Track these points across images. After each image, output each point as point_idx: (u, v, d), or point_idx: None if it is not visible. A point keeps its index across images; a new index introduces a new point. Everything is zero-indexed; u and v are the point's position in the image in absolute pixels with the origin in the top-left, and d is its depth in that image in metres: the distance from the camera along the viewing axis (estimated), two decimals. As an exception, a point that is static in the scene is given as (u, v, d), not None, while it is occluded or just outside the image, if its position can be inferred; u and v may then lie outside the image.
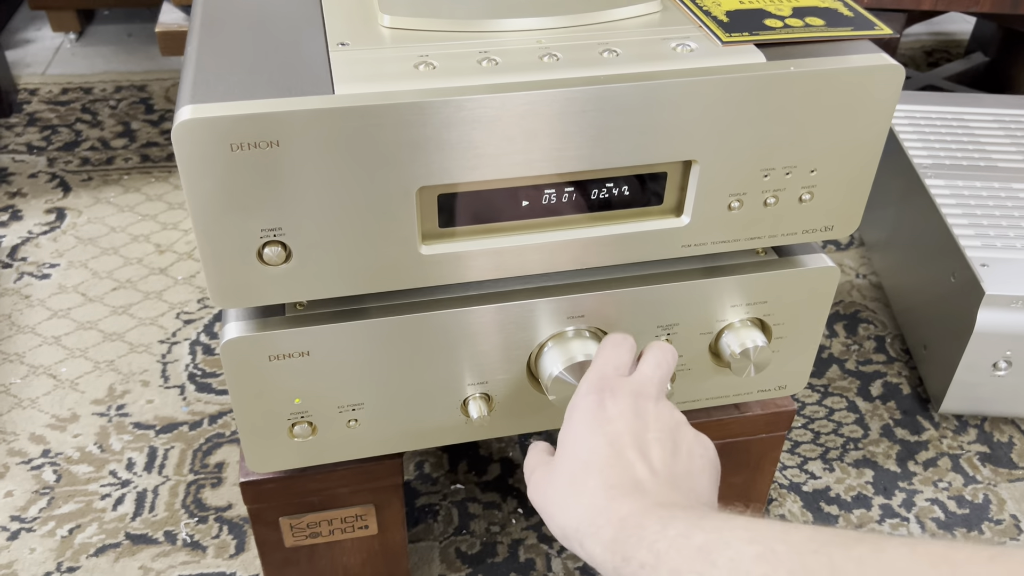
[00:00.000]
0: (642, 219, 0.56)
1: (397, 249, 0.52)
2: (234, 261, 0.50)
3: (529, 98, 0.48)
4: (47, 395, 0.92)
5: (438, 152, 0.49)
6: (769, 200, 0.55)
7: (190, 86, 0.47)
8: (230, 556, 0.78)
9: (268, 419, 0.58)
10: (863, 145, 0.55)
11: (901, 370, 0.98)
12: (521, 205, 0.53)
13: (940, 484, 0.86)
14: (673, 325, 0.60)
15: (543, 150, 0.50)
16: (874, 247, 1.13)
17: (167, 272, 1.09)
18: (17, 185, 1.23)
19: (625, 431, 0.49)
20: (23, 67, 1.51)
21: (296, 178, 0.48)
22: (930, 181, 0.96)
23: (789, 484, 0.85)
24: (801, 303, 0.62)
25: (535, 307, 0.57)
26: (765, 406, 0.69)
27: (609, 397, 0.51)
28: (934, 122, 1.08)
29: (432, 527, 0.81)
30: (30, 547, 0.78)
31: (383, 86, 0.47)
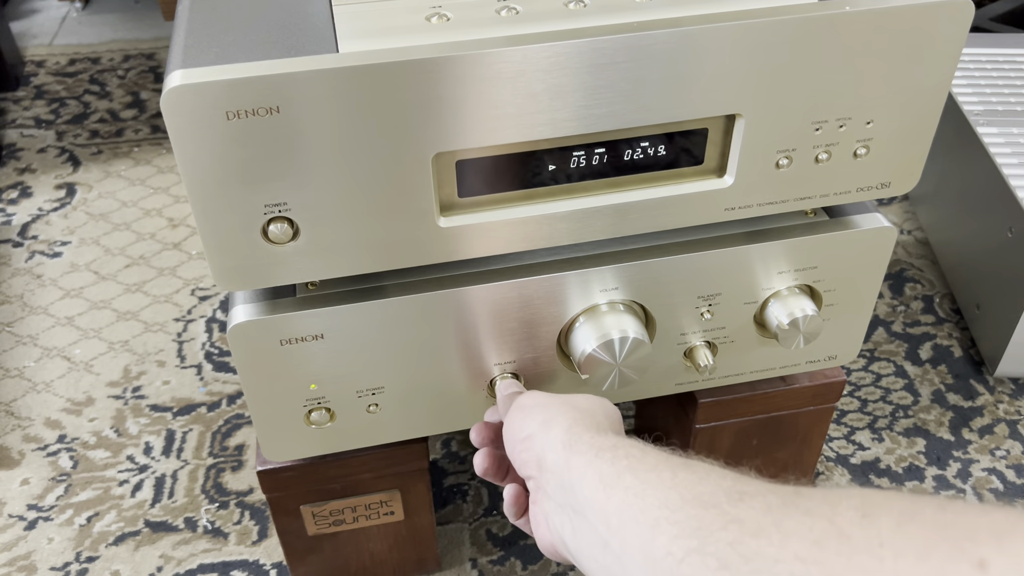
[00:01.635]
0: (681, 181, 0.51)
1: (413, 222, 0.47)
2: (237, 240, 0.46)
3: (554, 50, 0.43)
4: (61, 378, 0.89)
5: (455, 114, 0.44)
6: (821, 156, 0.50)
7: (180, 49, 0.43)
8: (252, 543, 0.75)
9: (283, 406, 0.54)
10: (925, 92, 0.49)
11: (952, 331, 0.93)
12: (547, 170, 0.48)
13: (997, 452, 0.81)
14: (715, 295, 0.56)
15: (570, 108, 0.45)
16: (919, 201, 1.07)
17: (180, 247, 1.05)
18: (26, 160, 1.19)
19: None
20: (29, 38, 1.47)
21: (300, 147, 0.43)
22: (982, 129, 0.90)
23: (836, 456, 0.81)
24: (854, 267, 0.57)
25: (565, 280, 0.53)
26: (813, 377, 0.65)
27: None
28: (984, 65, 1.01)
29: (461, 508, 0.78)
30: (48, 537, 0.75)
31: (392, 42, 0.43)
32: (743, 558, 0.32)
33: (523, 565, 0.73)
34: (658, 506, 0.36)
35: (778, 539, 0.31)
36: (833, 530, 0.30)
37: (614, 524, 0.37)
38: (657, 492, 0.36)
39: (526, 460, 0.45)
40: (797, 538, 0.31)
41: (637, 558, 0.36)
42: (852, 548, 0.30)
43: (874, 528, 0.30)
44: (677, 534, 0.34)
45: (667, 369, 0.59)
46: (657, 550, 0.35)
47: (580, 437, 0.42)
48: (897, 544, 0.29)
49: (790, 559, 0.31)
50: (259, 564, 0.73)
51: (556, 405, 0.45)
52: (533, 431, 0.44)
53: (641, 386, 0.60)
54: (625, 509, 0.37)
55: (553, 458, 0.42)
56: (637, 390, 0.60)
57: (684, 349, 0.58)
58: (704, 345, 0.58)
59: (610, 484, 0.38)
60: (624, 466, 0.39)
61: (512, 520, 0.51)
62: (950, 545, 0.28)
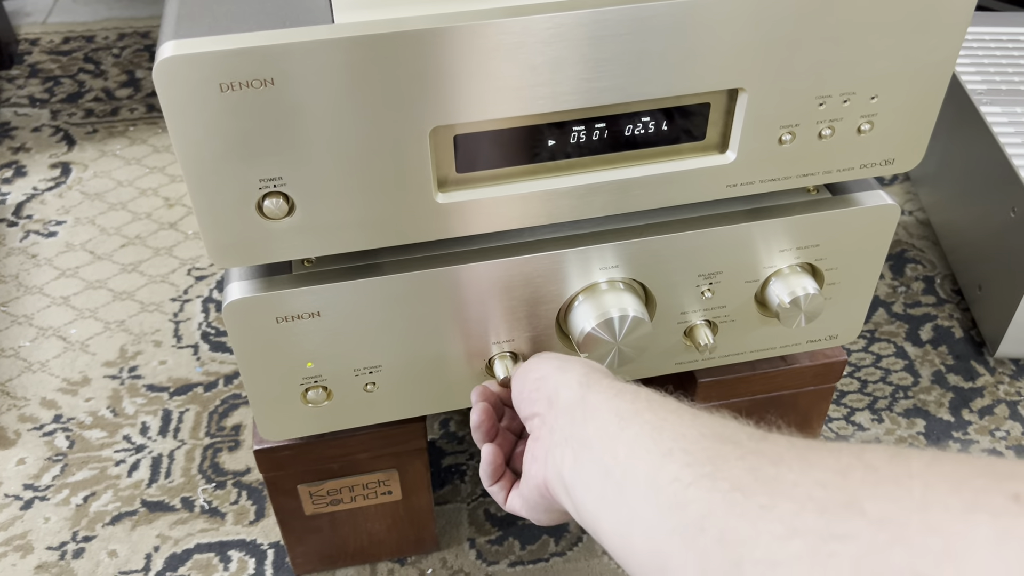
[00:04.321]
0: (682, 157, 0.50)
1: (411, 198, 0.47)
2: (232, 215, 0.45)
3: (555, 20, 0.42)
4: (57, 358, 0.89)
5: (453, 86, 0.43)
6: (824, 132, 0.49)
7: (173, 20, 0.42)
8: (250, 523, 0.74)
9: (279, 385, 0.54)
10: (931, 66, 0.48)
11: (952, 312, 0.93)
12: (547, 145, 0.48)
13: (997, 433, 0.81)
14: (716, 274, 0.55)
15: (572, 81, 0.44)
16: (921, 181, 1.06)
17: (177, 227, 1.04)
18: (20, 140, 1.18)
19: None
20: (23, 16, 1.45)
21: (295, 120, 0.42)
22: (985, 108, 0.89)
23: (835, 437, 0.81)
24: (856, 245, 0.56)
25: (564, 258, 0.52)
26: (813, 357, 0.64)
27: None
28: (987, 44, 1.00)
29: (459, 488, 0.77)
30: (44, 516, 0.75)
31: (388, 12, 0.42)
32: (759, 481, 0.30)
33: (521, 545, 0.73)
34: (674, 438, 0.34)
35: (799, 467, 0.30)
36: (860, 463, 0.29)
37: (622, 455, 0.36)
38: (675, 428, 0.35)
39: (535, 399, 0.44)
40: (820, 468, 0.30)
41: (640, 485, 0.34)
42: (878, 478, 0.28)
43: (904, 464, 0.28)
44: (690, 462, 0.33)
45: (667, 348, 0.58)
46: (664, 476, 0.33)
47: (599, 380, 0.41)
48: (927, 477, 0.27)
49: (810, 484, 0.29)
50: (256, 544, 0.73)
51: (572, 358, 0.46)
52: (547, 372, 0.44)
53: (640, 365, 0.59)
54: (638, 440, 0.36)
55: (567, 394, 0.41)
56: (636, 369, 0.60)
57: (684, 328, 0.58)
58: (704, 324, 0.57)
59: (627, 419, 0.37)
60: (644, 405, 0.38)
61: (487, 483, 0.50)
62: (985, 480, 0.26)
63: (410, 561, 0.72)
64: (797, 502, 0.29)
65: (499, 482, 0.50)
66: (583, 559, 0.72)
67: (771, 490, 0.30)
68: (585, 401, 0.40)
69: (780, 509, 0.29)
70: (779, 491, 0.30)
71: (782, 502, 0.29)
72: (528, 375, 0.46)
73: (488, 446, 0.50)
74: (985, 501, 0.26)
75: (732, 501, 0.31)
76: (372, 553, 0.71)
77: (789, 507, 0.29)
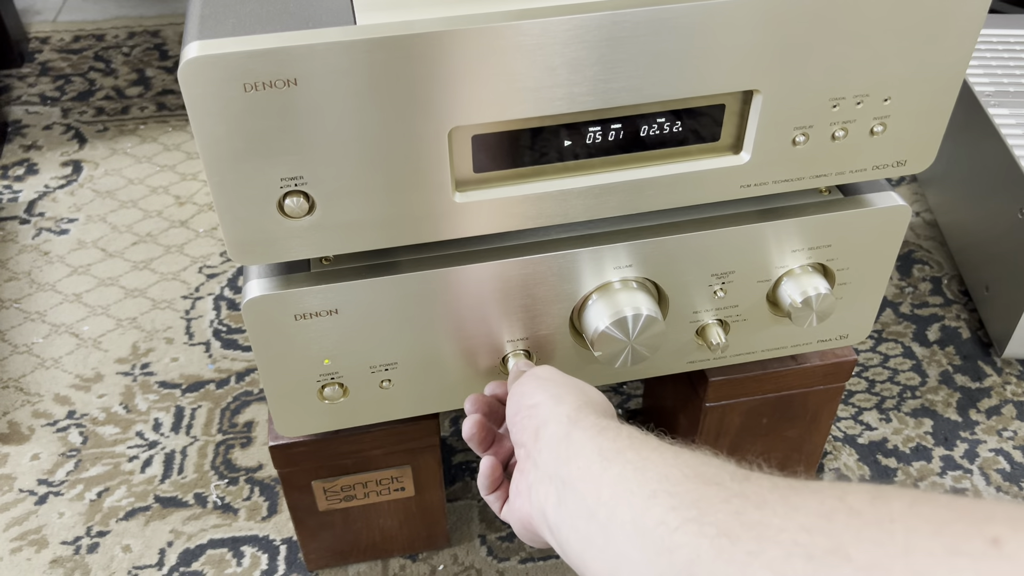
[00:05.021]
0: (697, 158, 0.50)
1: (429, 197, 0.47)
2: (253, 213, 0.46)
3: (573, 22, 0.43)
4: (70, 354, 0.89)
5: (472, 87, 0.44)
6: (838, 133, 0.50)
7: (197, 20, 0.43)
8: (262, 518, 0.75)
9: (296, 381, 0.54)
10: (945, 68, 0.49)
11: (960, 313, 0.93)
12: (564, 145, 0.48)
13: (1005, 433, 0.81)
14: (728, 273, 0.56)
15: (589, 82, 0.45)
16: (928, 182, 1.06)
17: (188, 225, 1.05)
18: (32, 137, 1.19)
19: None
20: (33, 15, 1.46)
21: (317, 120, 0.43)
22: (993, 110, 0.90)
23: (843, 436, 0.81)
24: (868, 246, 0.57)
25: (578, 257, 0.53)
26: (824, 356, 0.65)
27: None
28: (995, 46, 1.00)
29: (470, 485, 0.78)
30: (59, 511, 0.76)
31: (409, 14, 0.42)
32: (744, 526, 0.31)
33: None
34: (657, 479, 0.35)
35: (783, 511, 0.30)
36: (843, 506, 0.29)
37: (606, 496, 0.36)
38: (658, 468, 0.35)
39: (525, 427, 0.44)
40: (804, 512, 0.30)
41: (626, 528, 0.34)
42: (862, 522, 0.29)
43: (885, 507, 0.29)
44: (675, 505, 0.33)
45: (679, 347, 0.59)
46: (649, 520, 0.33)
47: (587, 416, 0.41)
48: (909, 521, 0.28)
49: (795, 529, 0.30)
50: (269, 540, 0.74)
51: (569, 384, 0.45)
52: (542, 400, 0.44)
53: (653, 364, 0.60)
54: (621, 481, 0.36)
55: (554, 429, 0.41)
56: (649, 368, 0.60)
57: (696, 327, 0.58)
58: (716, 323, 0.58)
59: (609, 458, 0.37)
60: (626, 444, 0.38)
61: (484, 493, 0.51)
62: (964, 524, 0.27)
63: (421, 557, 0.73)
64: (784, 548, 0.29)
65: (496, 491, 0.51)
66: (593, 556, 0.72)
67: (758, 535, 0.30)
68: (570, 438, 0.40)
69: (767, 555, 0.29)
70: (765, 536, 0.30)
71: (769, 548, 0.30)
72: (523, 399, 0.45)
73: (487, 458, 0.50)
74: (966, 545, 0.26)
75: (719, 547, 0.31)
76: (384, 549, 0.72)
77: (776, 553, 0.29)
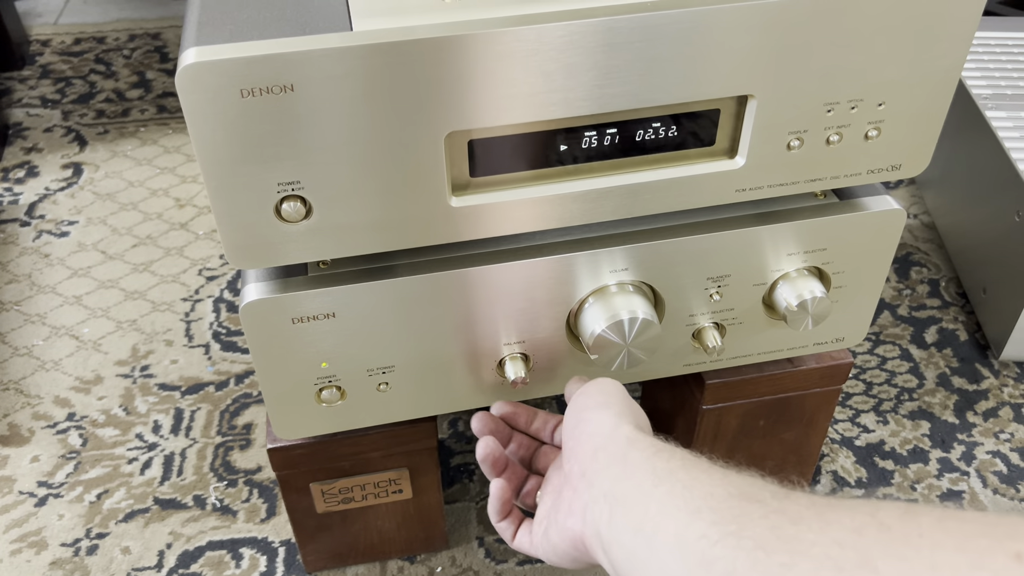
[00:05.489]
0: (692, 162, 0.51)
1: (425, 201, 0.48)
2: (250, 218, 0.46)
3: (568, 29, 0.43)
4: (70, 356, 0.90)
5: (468, 93, 0.44)
6: (832, 138, 0.50)
7: (195, 27, 0.43)
8: (261, 520, 0.75)
9: (294, 384, 0.55)
10: (939, 72, 0.49)
11: (957, 315, 0.93)
12: (560, 150, 0.49)
13: (1002, 435, 0.82)
14: (724, 277, 0.56)
15: (584, 87, 0.45)
16: (926, 185, 1.07)
17: (188, 227, 1.05)
18: (32, 140, 1.19)
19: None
20: (34, 17, 1.47)
21: (314, 125, 0.43)
22: (991, 113, 0.90)
23: (841, 439, 0.81)
24: (863, 249, 0.57)
25: (575, 261, 0.53)
26: (820, 359, 0.65)
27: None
28: (992, 49, 1.01)
29: (468, 487, 0.78)
30: (58, 513, 0.76)
31: (406, 20, 0.43)
32: (780, 540, 0.32)
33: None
34: (703, 497, 0.36)
35: (818, 526, 0.32)
36: (874, 522, 0.31)
37: (653, 511, 0.38)
38: (704, 487, 0.37)
39: (582, 443, 0.45)
40: (838, 527, 0.31)
41: (669, 541, 0.36)
42: (891, 537, 0.30)
43: (914, 522, 0.30)
44: (716, 520, 0.35)
45: (675, 350, 0.59)
46: (692, 533, 0.35)
47: (643, 439, 0.43)
48: (936, 536, 0.29)
49: (827, 543, 0.31)
50: (268, 541, 0.74)
51: (627, 404, 0.47)
52: (603, 418, 0.45)
53: (649, 367, 0.60)
54: (669, 499, 0.37)
55: (613, 448, 0.43)
56: (645, 371, 0.60)
57: (693, 330, 0.58)
58: (713, 326, 0.58)
59: (661, 478, 0.39)
60: (679, 465, 0.40)
61: (495, 519, 0.51)
62: (989, 540, 0.28)
63: (420, 559, 0.73)
64: (815, 561, 0.31)
65: (507, 519, 0.51)
66: (590, 558, 0.73)
67: (791, 549, 0.32)
68: (627, 458, 0.42)
69: (799, 568, 0.31)
70: (799, 550, 0.31)
71: (801, 561, 0.31)
72: (584, 413, 0.46)
73: (497, 481, 0.51)
74: (989, 561, 0.27)
75: (755, 560, 0.32)
76: (382, 551, 0.72)
77: (808, 566, 0.31)
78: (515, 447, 0.54)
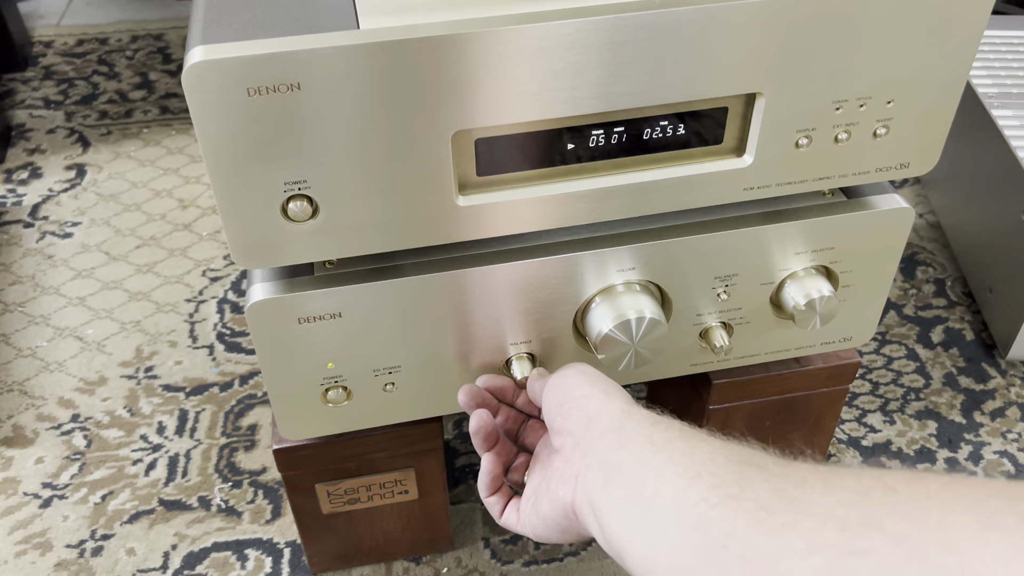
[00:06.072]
0: (700, 161, 0.51)
1: (432, 200, 0.47)
2: (257, 217, 0.46)
3: (575, 27, 0.43)
4: (74, 358, 0.90)
5: (475, 91, 0.44)
6: (840, 136, 0.50)
7: (201, 25, 0.43)
8: (266, 521, 0.75)
9: (300, 385, 0.54)
10: (948, 70, 0.49)
11: (963, 315, 0.93)
12: (566, 149, 0.48)
13: (1009, 435, 0.81)
14: (732, 276, 0.56)
15: (591, 86, 0.45)
16: (931, 184, 1.06)
17: (191, 228, 1.05)
18: (36, 141, 1.19)
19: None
20: (36, 18, 1.47)
21: (320, 124, 0.43)
22: (997, 112, 0.90)
23: (848, 439, 0.81)
24: (871, 248, 0.57)
25: (582, 260, 0.53)
26: (827, 359, 0.65)
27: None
28: (998, 47, 1.00)
29: (473, 488, 0.78)
30: (63, 514, 0.76)
31: (412, 18, 0.42)
32: (782, 501, 0.32)
33: (535, 544, 0.73)
34: (703, 463, 0.36)
35: (822, 488, 0.31)
36: (880, 484, 0.30)
37: (651, 479, 0.37)
38: (704, 453, 0.37)
39: (574, 417, 0.44)
40: (842, 489, 0.31)
41: (667, 507, 0.35)
42: (897, 498, 0.29)
43: (922, 486, 0.29)
44: (716, 484, 0.34)
45: (683, 350, 0.59)
46: (690, 497, 0.34)
47: (638, 410, 0.43)
48: (944, 498, 0.28)
49: (831, 504, 0.30)
50: (273, 542, 0.74)
51: (613, 382, 0.47)
52: (592, 393, 0.45)
53: (656, 367, 0.60)
54: (668, 466, 0.37)
55: (608, 419, 0.42)
56: (652, 371, 0.60)
57: (700, 330, 0.58)
58: (720, 326, 0.58)
59: (659, 446, 0.39)
60: (676, 434, 0.39)
61: (484, 494, 0.51)
62: (999, 501, 0.27)
63: (425, 560, 0.73)
64: (818, 520, 0.30)
65: (496, 494, 0.51)
66: (596, 559, 0.72)
67: (794, 509, 0.31)
68: (623, 428, 0.41)
69: (802, 527, 0.30)
70: (802, 510, 0.31)
71: (804, 520, 0.31)
72: (571, 390, 0.46)
73: (488, 456, 0.50)
74: (999, 520, 0.27)
75: (756, 519, 0.32)
76: (388, 552, 0.72)
77: (811, 524, 0.30)
78: (502, 419, 0.54)
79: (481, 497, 0.51)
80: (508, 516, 0.50)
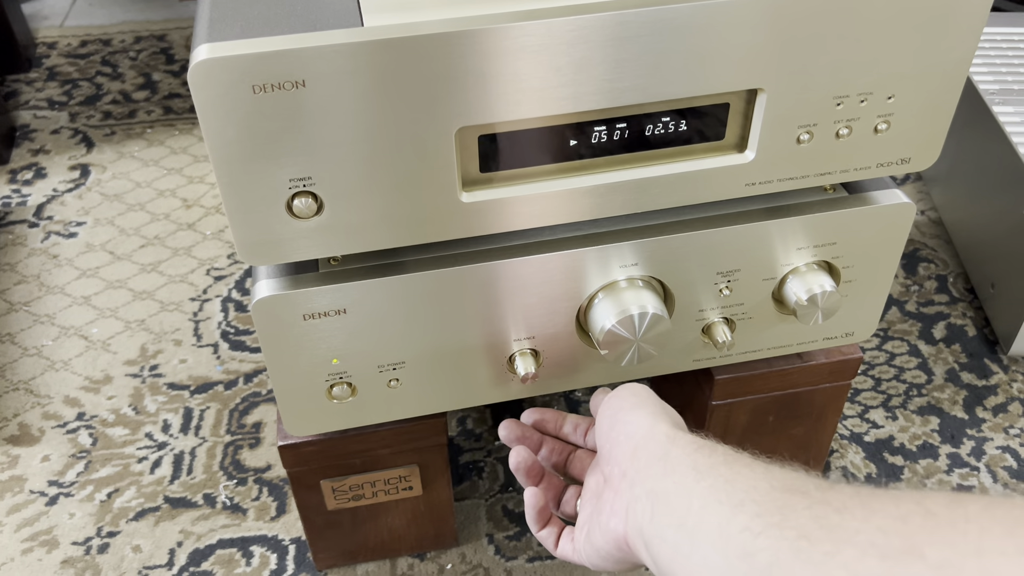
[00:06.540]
0: (702, 156, 0.51)
1: (436, 197, 0.48)
2: (262, 214, 0.46)
3: (578, 23, 0.43)
4: (79, 356, 0.90)
5: (478, 88, 0.44)
6: (842, 131, 0.50)
7: (206, 23, 0.43)
8: (271, 518, 0.76)
9: (305, 381, 0.55)
10: (948, 66, 0.49)
11: (965, 311, 0.93)
12: (569, 145, 0.49)
13: (1011, 431, 0.81)
14: (734, 271, 0.56)
15: (594, 82, 0.45)
16: (933, 180, 1.07)
17: (195, 227, 1.06)
18: (40, 142, 1.20)
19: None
20: (40, 20, 1.47)
21: (325, 121, 0.43)
22: (998, 108, 0.90)
23: (850, 434, 0.81)
24: (873, 243, 0.57)
25: (584, 256, 0.53)
26: (829, 354, 0.65)
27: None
28: (999, 44, 1.01)
29: (477, 484, 0.78)
30: (69, 512, 0.76)
31: (416, 15, 0.43)
32: (823, 529, 0.32)
33: (537, 541, 0.74)
34: (745, 490, 0.36)
35: (862, 514, 0.32)
36: (919, 509, 0.31)
37: (696, 506, 0.38)
38: (747, 480, 0.37)
39: (620, 444, 0.45)
40: (882, 515, 0.31)
41: (711, 535, 0.36)
42: (936, 523, 0.30)
43: (961, 509, 0.30)
44: (759, 512, 0.35)
45: (685, 345, 0.59)
46: (734, 526, 0.35)
47: (683, 436, 0.43)
48: (983, 522, 0.29)
49: (871, 531, 0.31)
50: (278, 539, 0.74)
51: (661, 404, 0.47)
52: (638, 418, 0.45)
53: (659, 362, 0.60)
54: (712, 492, 0.37)
55: (653, 447, 0.43)
56: (655, 366, 0.60)
57: (702, 325, 0.58)
58: (722, 321, 0.58)
59: (703, 472, 0.39)
60: (720, 460, 0.40)
61: (534, 529, 0.51)
62: None
63: (430, 556, 0.73)
64: (859, 548, 0.31)
65: (547, 527, 0.51)
66: (600, 554, 0.73)
67: (835, 537, 0.32)
68: (667, 455, 0.42)
69: (843, 555, 0.31)
70: (843, 538, 0.31)
71: (845, 549, 0.31)
72: (619, 413, 0.47)
73: (530, 490, 0.51)
74: None
75: (798, 548, 0.32)
76: (392, 548, 0.72)
77: (852, 553, 0.31)
78: (547, 452, 0.54)
79: (532, 531, 0.52)
80: (563, 547, 0.50)
